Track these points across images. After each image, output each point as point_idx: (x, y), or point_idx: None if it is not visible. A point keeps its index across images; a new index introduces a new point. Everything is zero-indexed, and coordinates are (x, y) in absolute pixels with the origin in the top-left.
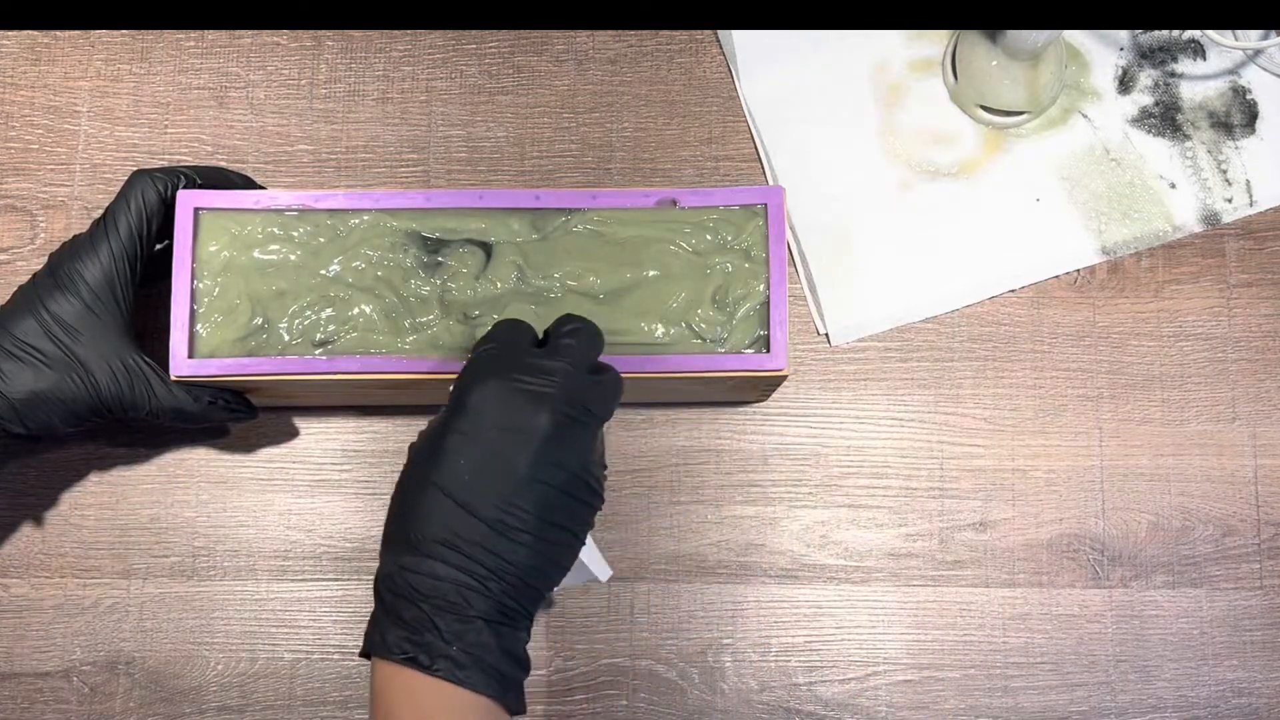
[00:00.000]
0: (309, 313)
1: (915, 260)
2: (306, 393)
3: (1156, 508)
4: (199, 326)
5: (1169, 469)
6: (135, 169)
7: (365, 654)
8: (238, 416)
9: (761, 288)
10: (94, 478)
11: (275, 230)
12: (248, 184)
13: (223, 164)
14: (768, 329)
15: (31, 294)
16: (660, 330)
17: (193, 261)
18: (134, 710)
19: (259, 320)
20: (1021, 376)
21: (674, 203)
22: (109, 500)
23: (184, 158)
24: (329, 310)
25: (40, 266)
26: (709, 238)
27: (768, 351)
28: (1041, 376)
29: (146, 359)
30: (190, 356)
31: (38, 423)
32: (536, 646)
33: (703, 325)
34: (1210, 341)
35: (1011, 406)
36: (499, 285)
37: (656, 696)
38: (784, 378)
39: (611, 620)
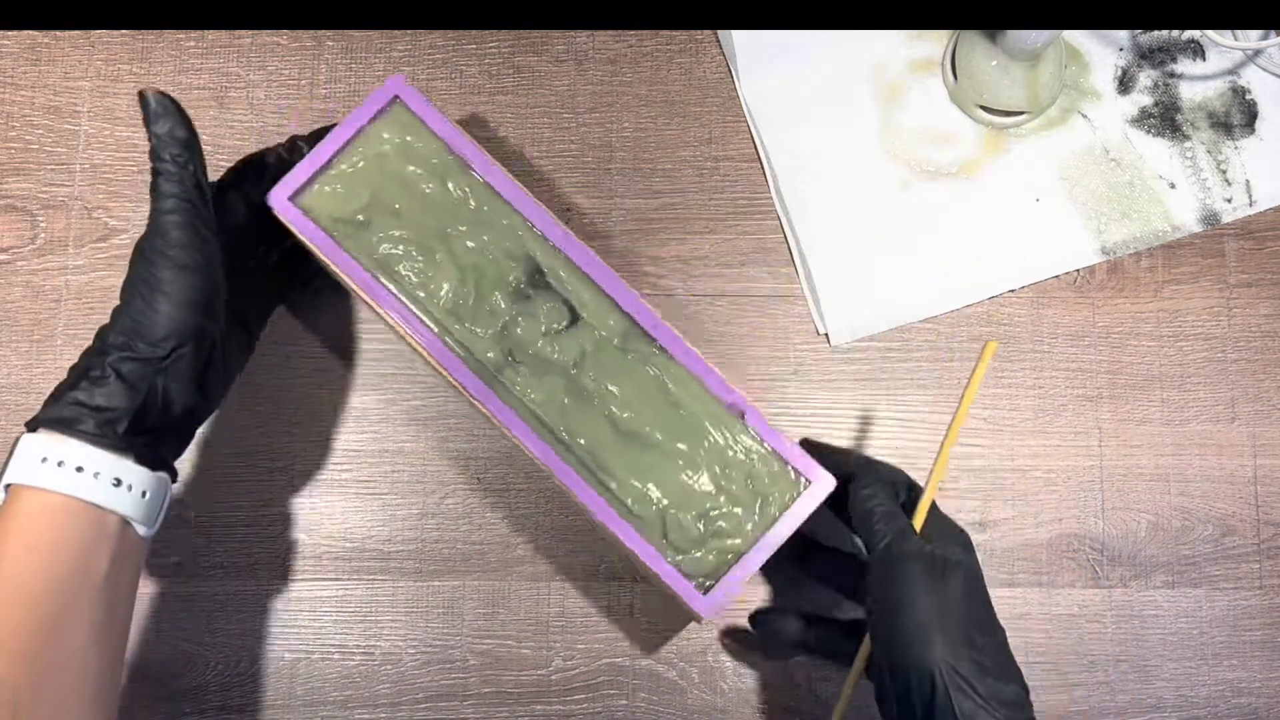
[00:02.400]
0: (403, 248)
1: (915, 260)
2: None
3: (1156, 508)
4: (317, 183)
5: (1169, 469)
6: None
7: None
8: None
9: (746, 545)
10: None
11: (436, 163)
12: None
13: (223, 164)
14: (720, 581)
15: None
16: (634, 501)
17: (358, 129)
18: (134, 710)
19: (361, 217)
20: (1021, 376)
21: (742, 415)
22: None
23: None
24: (420, 259)
25: (40, 266)
26: (744, 465)
27: (703, 595)
28: (1041, 376)
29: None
30: (290, 198)
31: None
32: (536, 646)
33: (676, 527)
34: (1210, 341)
35: (1011, 406)
36: (556, 354)
37: (656, 696)
38: (699, 621)
39: (611, 620)
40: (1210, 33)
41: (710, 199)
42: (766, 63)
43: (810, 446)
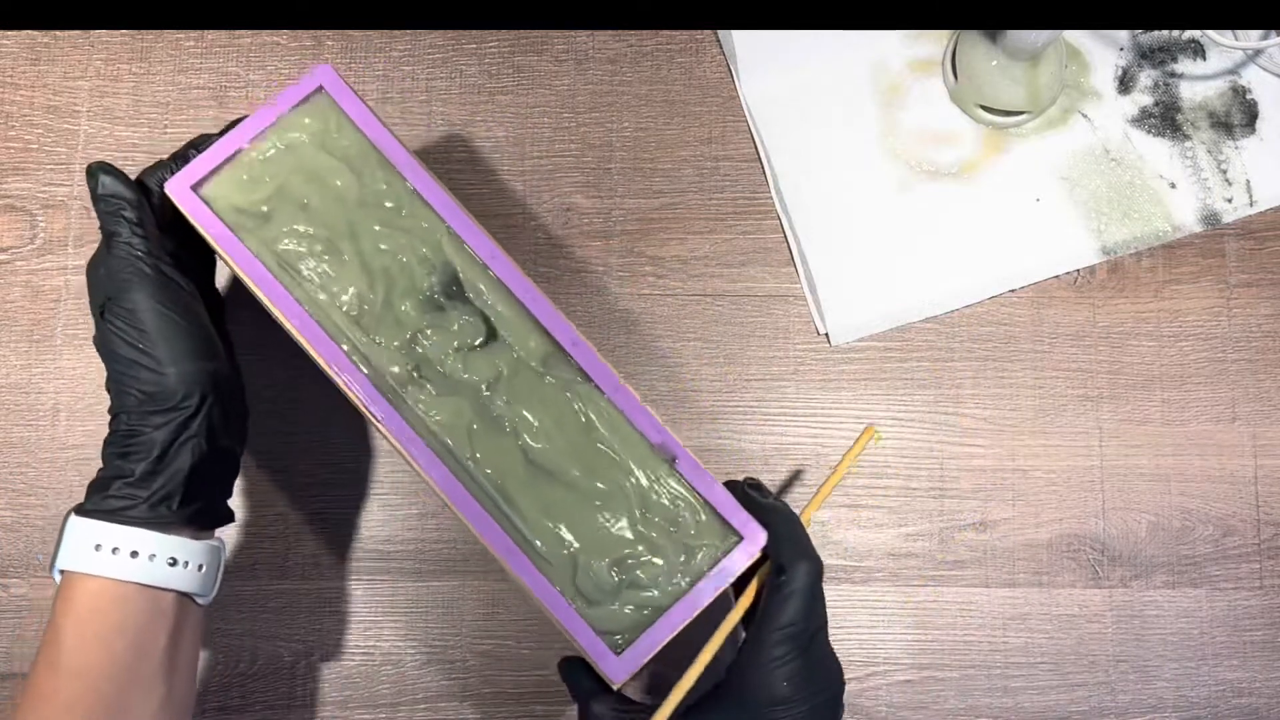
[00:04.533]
0: (307, 245)
1: (915, 260)
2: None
3: (1156, 508)
4: (225, 170)
5: (1169, 469)
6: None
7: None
8: None
9: (666, 601)
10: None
11: (354, 155)
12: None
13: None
14: (634, 642)
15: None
16: (544, 543)
17: (277, 116)
18: None
19: (266, 209)
20: (1021, 376)
21: (673, 459)
22: None
23: None
24: (325, 259)
25: (40, 266)
26: (668, 511)
27: (615, 654)
28: (1041, 376)
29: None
30: (193, 188)
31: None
32: (536, 646)
33: (588, 574)
34: (1210, 341)
35: (1011, 406)
36: (467, 375)
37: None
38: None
39: None
40: (1210, 33)
41: (710, 199)
42: (766, 63)
43: (739, 490)
